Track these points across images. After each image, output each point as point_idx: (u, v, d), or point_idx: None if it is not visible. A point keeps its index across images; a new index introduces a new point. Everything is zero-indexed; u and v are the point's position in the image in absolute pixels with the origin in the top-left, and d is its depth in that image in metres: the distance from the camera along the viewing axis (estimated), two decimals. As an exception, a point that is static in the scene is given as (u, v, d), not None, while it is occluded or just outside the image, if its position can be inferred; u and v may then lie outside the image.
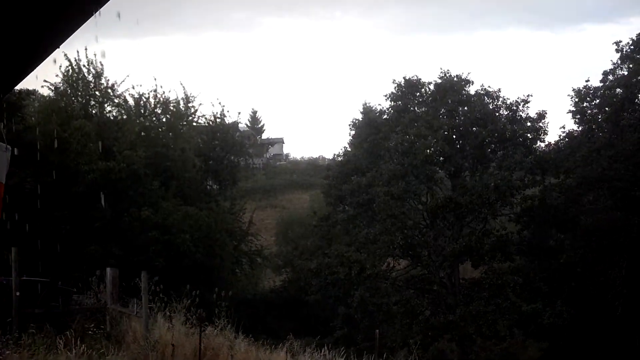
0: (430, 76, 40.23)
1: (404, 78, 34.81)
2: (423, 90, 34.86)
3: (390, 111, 35.74)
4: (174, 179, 28.82)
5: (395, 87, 34.96)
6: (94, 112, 28.78)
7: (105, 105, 29.68)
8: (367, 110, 38.27)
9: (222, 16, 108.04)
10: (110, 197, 24.76)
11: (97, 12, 2.88)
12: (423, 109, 34.17)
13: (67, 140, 24.44)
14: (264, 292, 39.20)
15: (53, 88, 28.49)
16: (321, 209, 38.03)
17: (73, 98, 28.79)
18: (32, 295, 12.11)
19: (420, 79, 34.79)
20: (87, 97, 29.06)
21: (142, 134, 29.24)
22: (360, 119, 38.26)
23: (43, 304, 12.31)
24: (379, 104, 37.55)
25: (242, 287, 34.88)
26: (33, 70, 4.13)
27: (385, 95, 35.40)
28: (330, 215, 35.42)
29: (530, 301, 27.09)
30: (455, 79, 33.65)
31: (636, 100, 29.90)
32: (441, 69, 34.67)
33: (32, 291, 12.18)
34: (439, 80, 33.98)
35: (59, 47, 3.67)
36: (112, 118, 30.03)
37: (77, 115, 26.63)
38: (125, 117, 30.14)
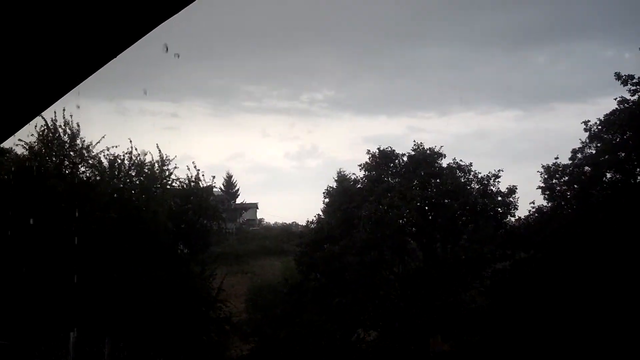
0: (403, 148, 40.76)
1: (378, 149, 35.34)
2: (397, 161, 35.37)
3: (364, 181, 36.09)
4: (145, 243, 28.42)
5: (369, 158, 35.46)
6: (67, 172, 28.54)
7: (80, 166, 29.48)
8: (342, 179, 38.57)
9: (201, 82, 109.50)
10: (78, 260, 24.29)
11: (77, 88, 2.99)
12: (396, 180, 34.55)
13: (38, 200, 24.12)
14: (231, 362, 38.18)
15: (27, 147, 28.29)
16: (293, 277, 37.64)
17: (47, 158, 28.58)
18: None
19: (394, 150, 35.40)
20: (62, 157, 28.88)
21: (115, 195, 28.96)
22: (335, 187, 38.49)
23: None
24: (353, 173, 37.97)
25: (208, 356, 33.91)
26: (13, 134, 4.20)
27: (360, 165, 35.84)
28: (302, 283, 35.09)
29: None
30: (428, 151, 34.29)
31: (604, 179, 30.56)
32: (414, 141, 35.29)
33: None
34: (413, 153, 34.60)
35: (40, 114, 3.78)
36: (85, 179, 29.76)
37: (50, 174, 26.39)
38: (98, 178, 29.91)
